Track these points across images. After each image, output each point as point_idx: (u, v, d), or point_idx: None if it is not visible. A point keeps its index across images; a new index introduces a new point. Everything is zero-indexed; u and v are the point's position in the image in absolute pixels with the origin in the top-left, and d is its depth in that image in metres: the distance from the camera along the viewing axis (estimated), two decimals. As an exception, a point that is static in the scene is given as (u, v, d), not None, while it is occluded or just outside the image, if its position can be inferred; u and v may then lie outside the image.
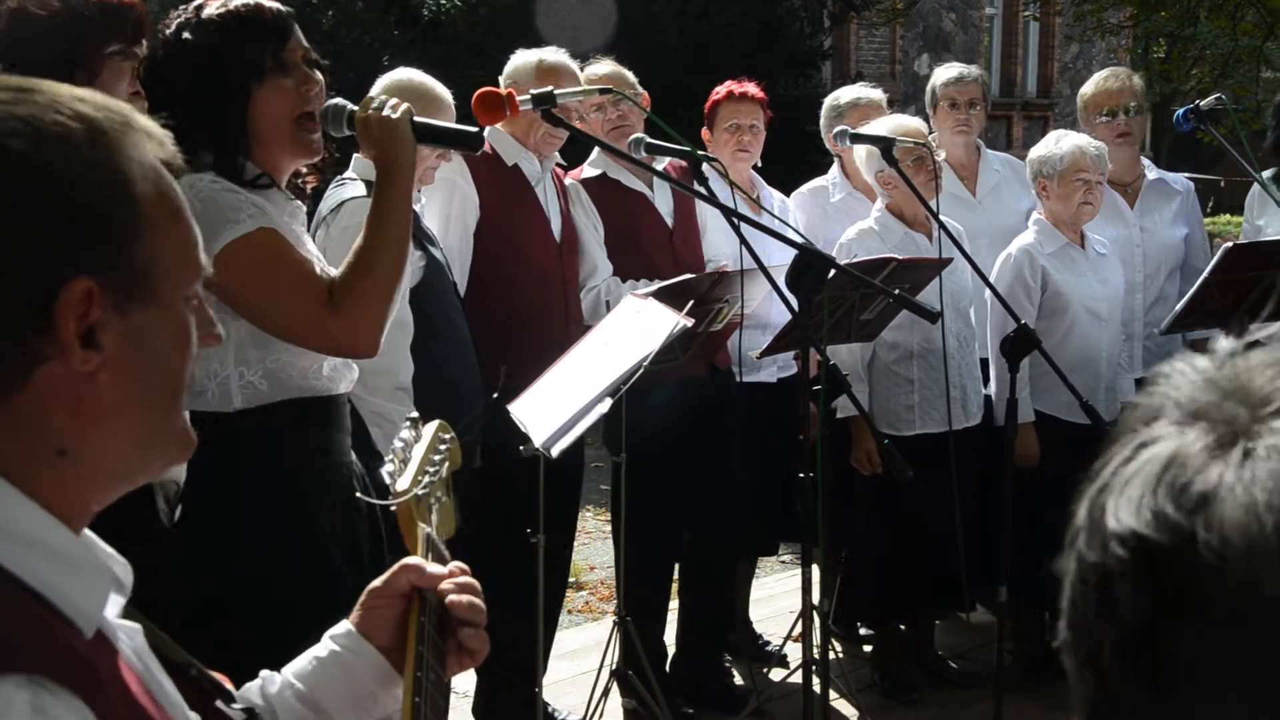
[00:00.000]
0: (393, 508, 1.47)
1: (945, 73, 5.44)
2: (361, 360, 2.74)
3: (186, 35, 2.53)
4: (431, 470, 1.53)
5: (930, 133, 4.95)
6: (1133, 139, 5.35)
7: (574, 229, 4.48)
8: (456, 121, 3.85)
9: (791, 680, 4.75)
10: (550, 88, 3.37)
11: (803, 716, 3.58)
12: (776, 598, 5.86)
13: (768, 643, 5.28)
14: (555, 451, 3.20)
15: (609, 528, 5.91)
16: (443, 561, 1.49)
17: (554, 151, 4.41)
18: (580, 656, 5.13)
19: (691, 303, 3.71)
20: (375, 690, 1.46)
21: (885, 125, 4.64)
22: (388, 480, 1.50)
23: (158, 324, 1.13)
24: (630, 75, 4.71)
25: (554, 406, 3.31)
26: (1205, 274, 4.35)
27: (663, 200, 4.68)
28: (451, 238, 4.12)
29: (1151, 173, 5.41)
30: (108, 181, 1.10)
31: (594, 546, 6.88)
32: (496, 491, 3.87)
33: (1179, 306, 4.51)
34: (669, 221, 4.67)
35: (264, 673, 1.48)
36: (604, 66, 4.71)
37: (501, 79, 4.33)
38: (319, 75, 2.63)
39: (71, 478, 1.10)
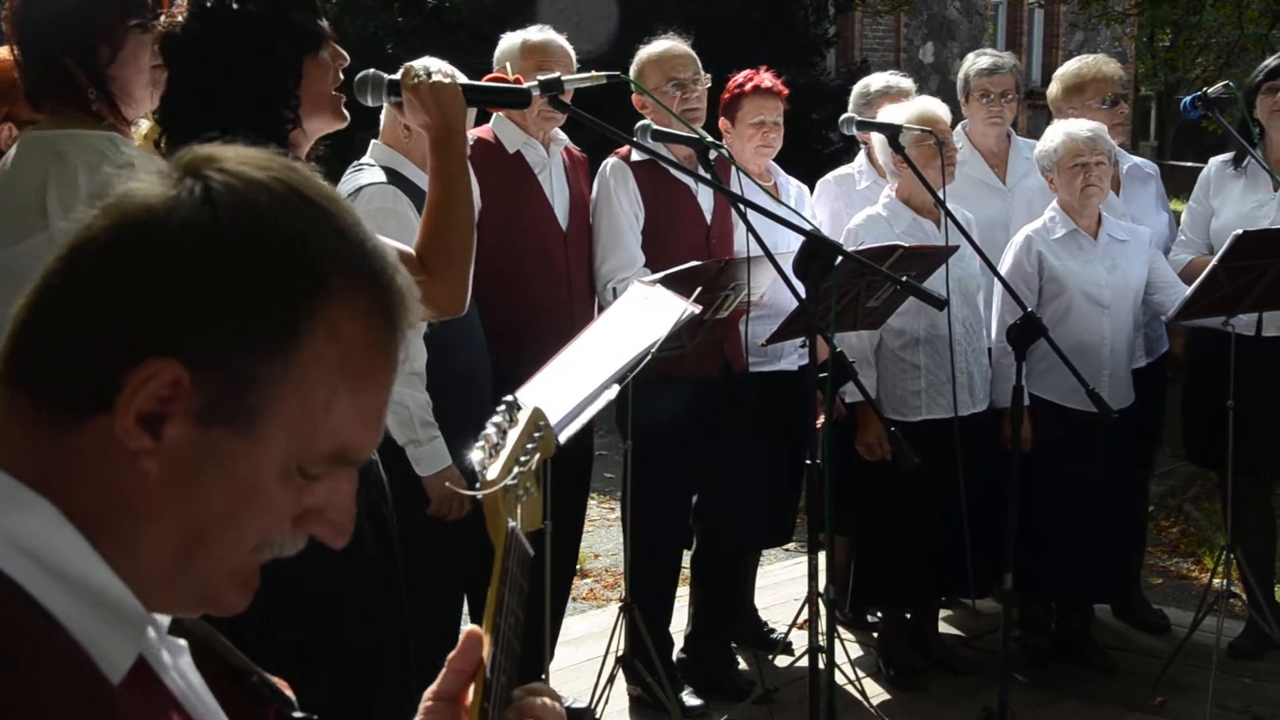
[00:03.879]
0: (479, 497, 1.38)
1: (979, 62, 5.35)
2: None
3: (236, 4, 2.45)
4: (523, 460, 1.42)
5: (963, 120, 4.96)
6: (1124, 127, 5.34)
7: (584, 215, 4.46)
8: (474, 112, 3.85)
9: (797, 667, 4.76)
10: (558, 73, 3.35)
11: (808, 703, 3.58)
12: (781, 585, 5.87)
13: (773, 630, 5.28)
14: (563, 438, 3.19)
15: (613, 515, 5.93)
16: (525, 557, 1.38)
17: (552, 129, 4.38)
18: (585, 643, 5.13)
19: (699, 289, 3.70)
20: None
21: (907, 110, 4.64)
22: (477, 468, 1.38)
23: (240, 459, 1.01)
24: (695, 56, 4.64)
25: (561, 393, 3.30)
26: (1214, 261, 4.34)
27: (705, 195, 4.61)
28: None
29: (1125, 160, 5.39)
30: (285, 311, 1.00)
31: (598, 534, 6.88)
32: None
33: (1187, 294, 4.50)
34: (708, 218, 4.63)
35: None
36: (677, 46, 4.62)
37: (494, 64, 4.30)
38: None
39: (120, 553, 1.01)
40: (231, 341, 0.98)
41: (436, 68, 2.66)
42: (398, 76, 2.66)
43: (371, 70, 2.70)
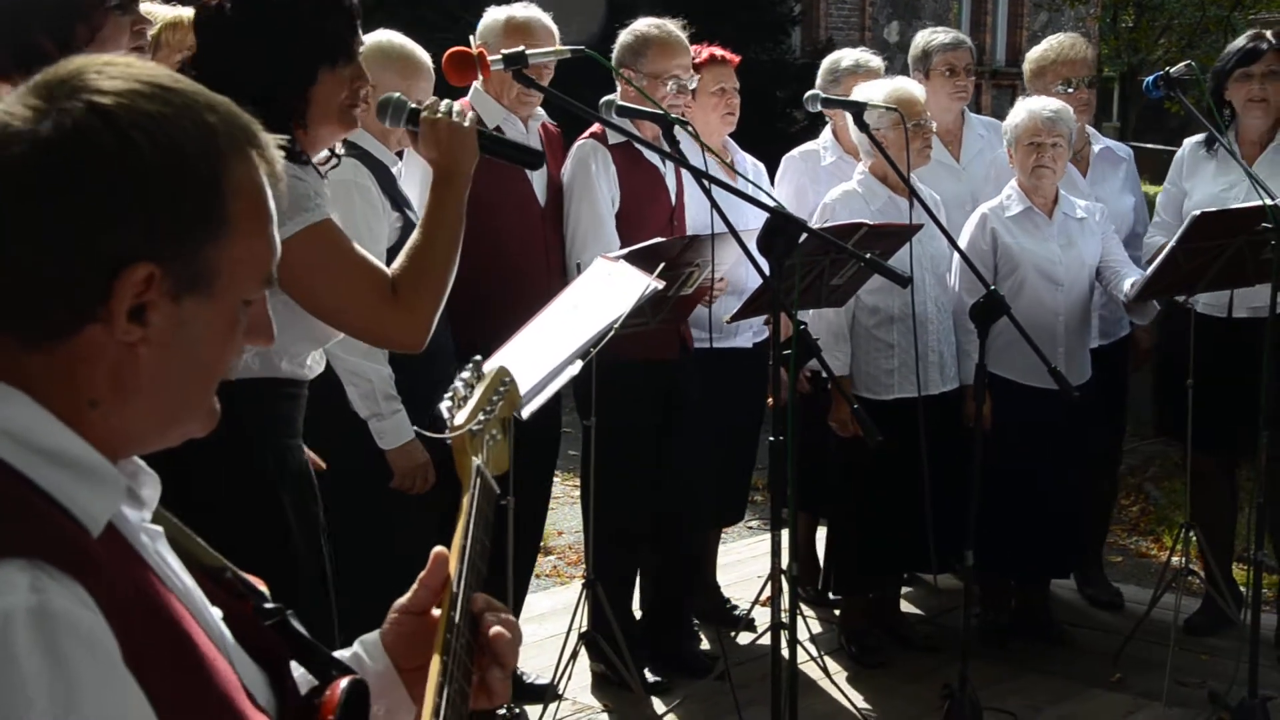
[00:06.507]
0: (448, 440, 1.52)
1: (940, 37, 5.36)
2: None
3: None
4: (488, 409, 1.58)
5: None
6: (1090, 109, 5.35)
7: (559, 190, 4.44)
8: (432, 87, 3.82)
9: (759, 644, 4.78)
10: (521, 47, 3.34)
11: (770, 680, 3.58)
12: (744, 562, 5.88)
13: (735, 607, 5.30)
14: (525, 413, 3.19)
15: (577, 492, 5.91)
16: (490, 493, 1.52)
17: (532, 111, 4.36)
18: (548, 620, 5.13)
19: (662, 265, 3.70)
20: (382, 701, 1.43)
21: (884, 88, 4.63)
22: (445, 415, 1.54)
23: (208, 317, 1.21)
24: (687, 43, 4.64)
25: (525, 368, 3.29)
26: (1173, 242, 4.37)
27: (671, 174, 4.63)
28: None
29: (1098, 142, 5.41)
30: (205, 191, 1.19)
31: (562, 511, 6.87)
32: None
33: (1147, 274, 4.53)
34: (673, 198, 4.63)
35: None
36: (685, 42, 4.59)
37: (474, 39, 4.27)
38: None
39: (99, 425, 1.17)
40: (181, 230, 1.17)
41: (458, 108, 2.69)
42: (422, 107, 2.69)
43: (396, 94, 2.76)
